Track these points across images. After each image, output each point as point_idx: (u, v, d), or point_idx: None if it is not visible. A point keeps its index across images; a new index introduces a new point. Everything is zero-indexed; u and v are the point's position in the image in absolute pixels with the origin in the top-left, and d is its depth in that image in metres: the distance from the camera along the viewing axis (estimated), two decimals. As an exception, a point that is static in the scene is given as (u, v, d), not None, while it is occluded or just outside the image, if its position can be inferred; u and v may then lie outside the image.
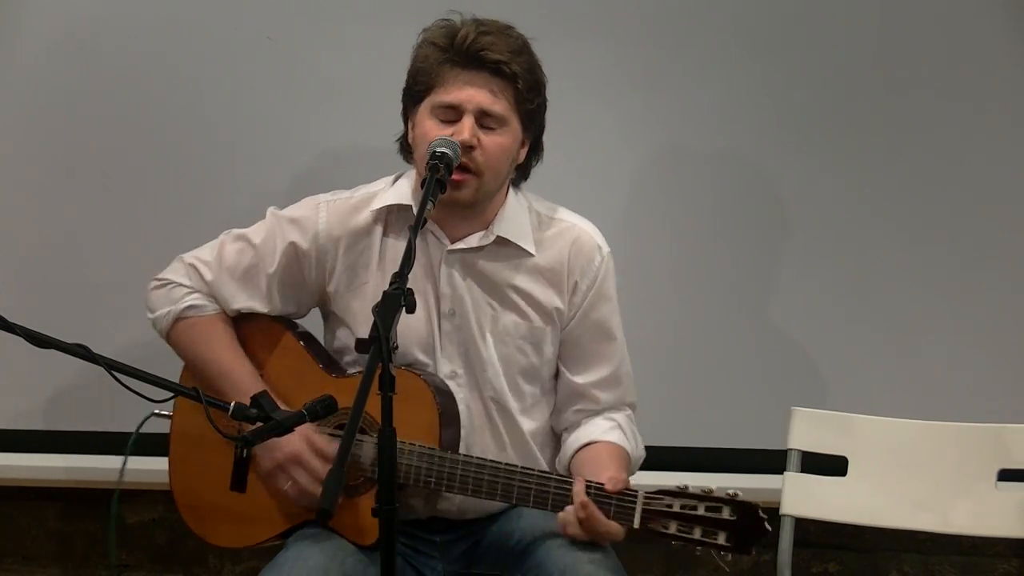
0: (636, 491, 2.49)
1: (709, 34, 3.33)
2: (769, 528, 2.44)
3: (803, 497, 2.95)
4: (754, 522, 2.42)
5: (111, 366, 2.38)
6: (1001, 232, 3.35)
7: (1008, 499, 2.87)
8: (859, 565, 3.49)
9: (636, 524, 2.48)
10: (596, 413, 2.76)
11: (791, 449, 2.96)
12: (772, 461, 3.04)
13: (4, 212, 3.40)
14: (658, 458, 3.28)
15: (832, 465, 2.96)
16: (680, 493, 2.46)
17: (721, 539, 2.43)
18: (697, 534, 2.44)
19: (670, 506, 2.46)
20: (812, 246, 3.37)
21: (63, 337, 2.40)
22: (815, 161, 3.35)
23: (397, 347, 2.20)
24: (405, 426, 2.24)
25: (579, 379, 2.76)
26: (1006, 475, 2.88)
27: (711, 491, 2.45)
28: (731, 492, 2.44)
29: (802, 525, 2.99)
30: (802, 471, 2.95)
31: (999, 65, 3.30)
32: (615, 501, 2.49)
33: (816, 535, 3.36)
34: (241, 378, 2.69)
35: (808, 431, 2.96)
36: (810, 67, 3.32)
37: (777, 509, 2.96)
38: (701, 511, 2.44)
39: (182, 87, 3.35)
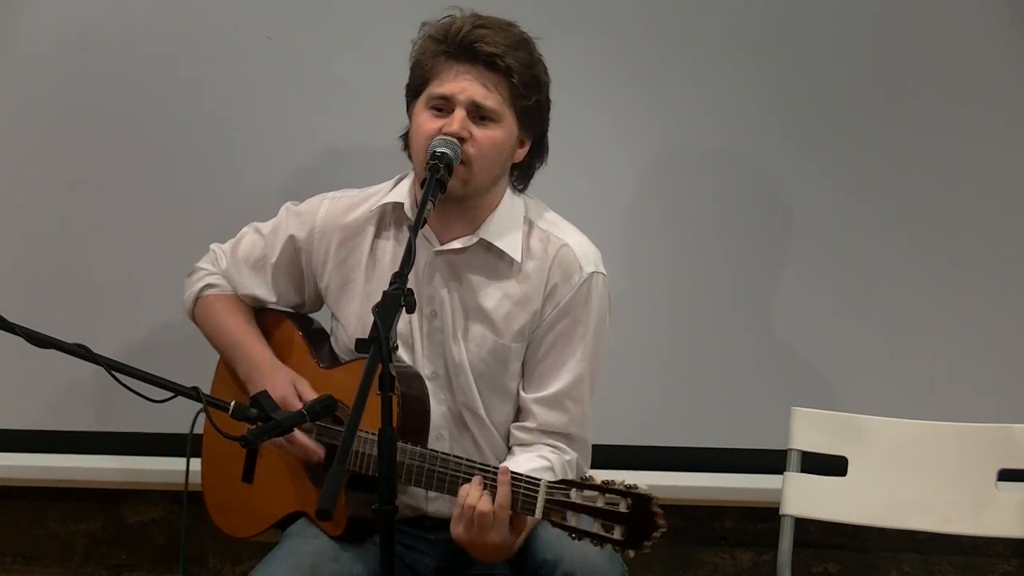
0: (539, 479, 2.41)
1: (707, 34, 3.32)
2: (663, 523, 2.30)
3: (803, 497, 2.95)
4: (647, 516, 2.30)
5: (111, 366, 2.39)
6: (1001, 232, 3.34)
7: (1008, 499, 2.88)
8: (859, 565, 3.49)
9: (539, 514, 2.39)
10: (532, 441, 2.66)
11: (791, 449, 2.96)
12: (772, 461, 3.05)
13: (4, 211, 3.40)
14: (658, 458, 3.30)
15: (832, 465, 2.96)
16: (581, 484, 2.36)
17: (617, 533, 2.31)
18: (596, 528, 2.33)
19: (569, 496, 2.36)
20: (812, 246, 3.36)
21: (63, 337, 2.40)
22: (815, 161, 3.35)
23: (397, 347, 2.20)
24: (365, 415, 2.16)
25: (526, 394, 2.68)
26: (1006, 475, 2.88)
27: (612, 482, 2.34)
28: (629, 484, 2.33)
29: (802, 525, 2.99)
30: (802, 471, 2.96)
31: (999, 65, 3.30)
32: (522, 488, 2.40)
33: (816, 535, 3.35)
34: (250, 345, 2.75)
35: (808, 431, 2.97)
36: (808, 67, 3.32)
37: (777, 509, 2.97)
38: (600, 504, 2.33)
39: (182, 87, 3.35)
